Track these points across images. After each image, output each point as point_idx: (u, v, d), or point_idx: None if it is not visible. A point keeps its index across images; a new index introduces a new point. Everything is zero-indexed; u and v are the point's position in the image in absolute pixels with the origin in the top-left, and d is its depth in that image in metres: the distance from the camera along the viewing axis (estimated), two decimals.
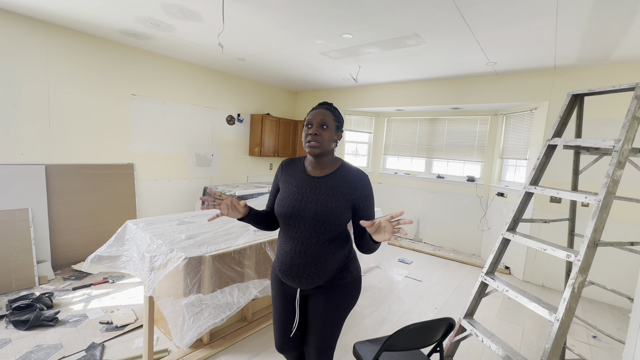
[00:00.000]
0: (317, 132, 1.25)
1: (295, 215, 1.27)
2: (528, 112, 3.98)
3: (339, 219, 1.24)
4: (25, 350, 2.05)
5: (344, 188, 1.26)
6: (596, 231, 1.45)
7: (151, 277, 1.84)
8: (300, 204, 1.27)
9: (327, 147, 1.28)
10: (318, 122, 1.26)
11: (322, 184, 1.28)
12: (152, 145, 4.05)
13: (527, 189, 1.88)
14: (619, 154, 1.50)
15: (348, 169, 1.32)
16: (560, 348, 1.41)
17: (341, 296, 1.33)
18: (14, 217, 2.90)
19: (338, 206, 1.24)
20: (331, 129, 1.28)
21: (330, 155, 1.33)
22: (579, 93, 1.89)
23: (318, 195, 1.26)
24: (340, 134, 1.33)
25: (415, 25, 2.58)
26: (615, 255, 3.18)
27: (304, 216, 1.25)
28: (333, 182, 1.28)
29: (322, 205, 1.24)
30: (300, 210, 1.26)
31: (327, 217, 1.23)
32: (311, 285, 1.30)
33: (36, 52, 3.06)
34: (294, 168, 1.38)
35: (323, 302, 1.32)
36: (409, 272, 3.86)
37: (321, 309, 1.32)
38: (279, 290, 1.41)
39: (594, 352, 2.44)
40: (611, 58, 3.03)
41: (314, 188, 1.28)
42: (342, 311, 1.35)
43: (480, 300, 1.93)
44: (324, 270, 1.28)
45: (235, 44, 3.37)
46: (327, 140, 1.27)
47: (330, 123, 1.27)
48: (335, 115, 1.31)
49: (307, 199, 1.27)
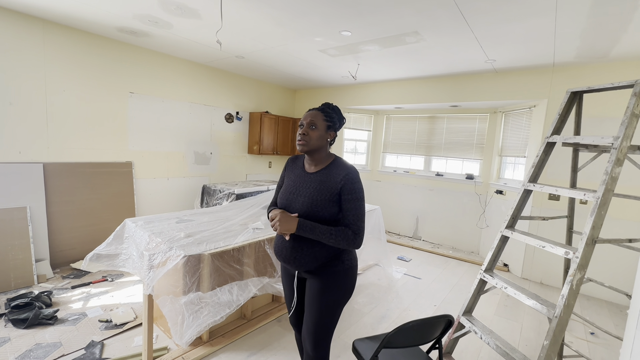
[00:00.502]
0: (305, 132, 1.39)
1: (288, 206, 1.41)
2: (527, 110, 3.98)
3: (323, 210, 1.33)
4: (24, 348, 2.05)
5: (330, 182, 1.36)
6: (594, 228, 1.45)
7: (150, 275, 1.84)
8: (293, 197, 1.42)
9: (314, 146, 1.39)
10: (307, 123, 1.40)
11: (312, 179, 1.41)
12: (150, 144, 4.04)
13: (526, 187, 1.88)
14: (618, 151, 1.50)
15: (338, 165, 1.41)
16: (558, 344, 1.41)
17: (332, 283, 1.39)
18: (12, 216, 2.89)
19: (323, 199, 1.34)
20: (320, 129, 1.39)
21: (323, 152, 1.43)
22: (578, 90, 1.89)
23: (307, 189, 1.39)
24: (332, 132, 1.43)
25: (415, 23, 2.58)
26: (614, 252, 3.19)
27: (295, 207, 1.39)
28: (322, 177, 1.39)
29: (309, 198, 1.37)
30: (292, 202, 1.41)
31: (313, 209, 1.34)
32: (300, 269, 1.41)
33: (33, 49, 3.04)
34: (296, 165, 1.53)
35: (315, 287, 1.41)
36: (408, 269, 3.87)
37: (314, 293, 1.41)
38: (284, 269, 1.58)
39: (592, 349, 2.46)
40: (610, 55, 3.03)
41: (306, 182, 1.42)
42: (334, 299, 1.40)
43: (479, 297, 1.94)
44: (310, 256, 1.37)
45: (233, 42, 3.35)
46: (315, 139, 1.39)
47: (320, 123, 1.39)
48: (327, 115, 1.41)
49: (299, 192, 1.41)
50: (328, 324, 1.42)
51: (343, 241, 1.31)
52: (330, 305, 1.40)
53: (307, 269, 1.40)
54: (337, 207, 1.35)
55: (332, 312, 1.42)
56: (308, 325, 1.43)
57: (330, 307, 1.41)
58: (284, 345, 2.26)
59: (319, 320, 1.41)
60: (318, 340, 1.42)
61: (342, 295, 1.42)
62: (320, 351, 1.44)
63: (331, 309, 1.41)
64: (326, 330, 1.43)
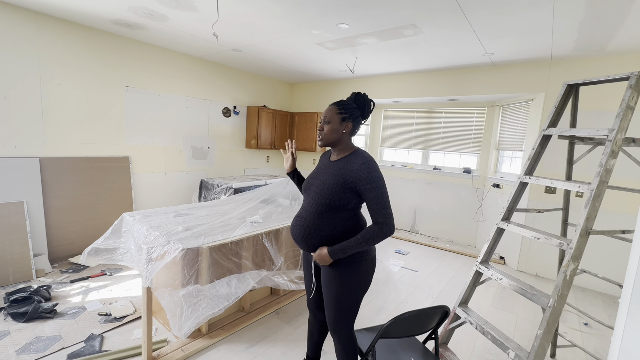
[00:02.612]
0: (320, 127, 1.51)
1: (307, 188, 1.55)
2: (524, 104, 3.98)
3: (334, 194, 1.40)
4: (24, 341, 2.06)
5: (346, 170, 1.41)
6: (589, 220, 1.47)
7: (149, 269, 1.85)
8: (312, 180, 1.54)
9: (329, 139, 1.49)
10: (323, 119, 1.50)
11: (332, 166, 1.49)
12: (147, 138, 4.02)
13: (522, 179, 1.90)
14: (613, 143, 1.51)
15: (357, 155, 1.45)
16: (551, 334, 1.44)
17: (344, 272, 1.44)
18: (9, 211, 2.89)
19: (335, 184, 1.41)
20: (333, 122, 1.46)
21: (343, 143, 1.50)
22: (574, 83, 1.89)
23: (325, 174, 1.49)
24: (348, 123, 1.47)
25: (412, 15, 2.56)
26: (608, 244, 3.23)
27: (311, 189, 1.51)
28: (341, 164, 1.46)
29: (323, 181, 1.46)
30: (310, 185, 1.53)
31: (323, 192, 1.43)
32: (306, 249, 1.52)
33: (27, 43, 3.00)
34: (325, 156, 1.63)
35: (328, 274, 1.48)
36: (405, 262, 3.90)
37: (327, 280, 1.49)
38: (303, 254, 1.70)
39: (585, 339, 2.50)
40: (607, 48, 3.03)
41: (327, 169, 1.51)
42: (349, 287, 1.45)
43: (474, 289, 1.96)
44: (316, 238, 1.46)
45: (230, 35, 3.32)
46: (329, 133, 1.47)
47: (333, 117, 1.46)
48: (342, 108, 1.47)
49: (318, 177, 1.51)
50: (342, 314, 1.48)
51: (373, 240, 1.36)
52: (345, 292, 1.46)
53: (312, 251, 1.50)
54: (350, 194, 1.39)
55: (344, 302, 1.46)
56: (326, 312, 1.52)
57: (341, 298, 1.46)
58: (282, 337, 2.28)
59: (333, 307, 1.48)
60: (336, 327, 1.49)
61: (357, 283, 1.46)
62: (342, 337, 1.50)
63: (346, 296, 1.46)
64: (341, 320, 1.48)
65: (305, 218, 1.49)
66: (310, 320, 1.79)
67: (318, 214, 1.44)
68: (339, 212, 1.43)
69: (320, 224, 1.44)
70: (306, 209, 1.50)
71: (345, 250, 1.38)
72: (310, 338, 1.81)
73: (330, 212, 1.42)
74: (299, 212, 1.56)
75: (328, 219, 1.43)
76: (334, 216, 1.43)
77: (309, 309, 1.76)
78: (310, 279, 1.66)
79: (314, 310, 1.72)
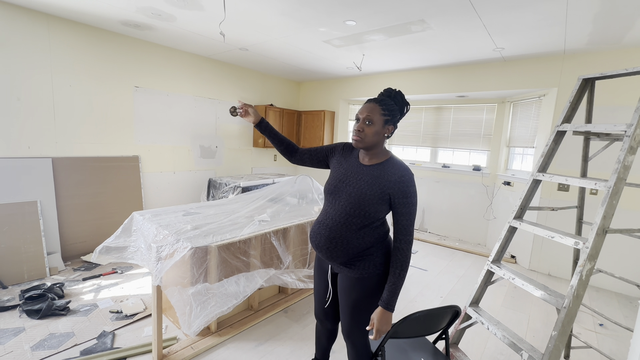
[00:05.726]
0: (361, 128, 1.30)
1: (335, 192, 1.37)
2: (536, 99, 3.89)
3: (369, 207, 1.28)
4: (39, 338, 2.11)
5: (383, 180, 1.29)
6: (605, 218, 1.42)
7: (158, 267, 1.86)
8: (342, 185, 1.36)
9: (370, 143, 1.31)
10: (363, 118, 1.31)
11: (365, 172, 1.34)
12: (156, 137, 4.06)
13: (535, 176, 1.85)
14: (631, 138, 1.46)
15: (394, 163, 1.33)
16: (566, 335, 1.40)
17: (362, 287, 1.36)
18: (23, 210, 2.95)
19: (373, 195, 1.27)
20: (377, 124, 1.29)
21: (378, 148, 1.35)
22: (590, 77, 1.83)
23: (358, 180, 1.33)
24: (390, 127, 1.33)
25: (420, 10, 2.52)
26: (624, 243, 3.14)
27: (341, 196, 1.35)
28: (376, 172, 1.32)
29: (358, 189, 1.30)
30: (339, 190, 1.36)
31: (359, 202, 1.29)
32: (331, 260, 1.39)
33: (39, 45, 3.06)
34: (351, 154, 1.45)
35: (346, 284, 1.40)
36: (414, 261, 3.86)
37: (344, 290, 1.41)
38: (317, 262, 1.58)
39: (600, 340, 2.44)
40: (623, 41, 2.93)
41: (358, 174, 1.35)
42: (361, 296, 1.37)
43: (486, 289, 1.92)
44: (344, 251, 1.34)
45: (237, 33, 3.33)
46: (371, 136, 1.30)
47: (377, 118, 1.29)
48: (386, 108, 1.30)
49: (349, 182, 1.35)
50: (359, 325, 1.41)
51: (406, 260, 1.28)
52: (363, 301, 1.37)
53: (337, 262, 1.38)
54: (383, 205, 1.29)
55: (365, 308, 1.38)
56: (342, 318, 1.46)
57: (363, 303, 1.38)
58: (291, 335, 2.28)
59: (349, 315, 1.42)
60: (351, 333, 1.44)
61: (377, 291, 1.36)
62: (357, 343, 1.45)
63: (364, 305, 1.38)
64: (358, 330, 1.42)
65: (331, 228, 1.34)
66: (317, 327, 1.72)
67: (347, 226, 1.31)
68: (369, 223, 1.32)
69: (348, 237, 1.32)
70: (333, 218, 1.35)
71: (394, 293, 1.27)
72: (318, 342, 1.76)
73: (360, 223, 1.30)
74: (322, 218, 1.40)
75: (357, 231, 1.31)
76: (363, 227, 1.31)
77: (316, 317, 1.66)
78: (324, 288, 1.55)
79: (323, 320, 1.63)
